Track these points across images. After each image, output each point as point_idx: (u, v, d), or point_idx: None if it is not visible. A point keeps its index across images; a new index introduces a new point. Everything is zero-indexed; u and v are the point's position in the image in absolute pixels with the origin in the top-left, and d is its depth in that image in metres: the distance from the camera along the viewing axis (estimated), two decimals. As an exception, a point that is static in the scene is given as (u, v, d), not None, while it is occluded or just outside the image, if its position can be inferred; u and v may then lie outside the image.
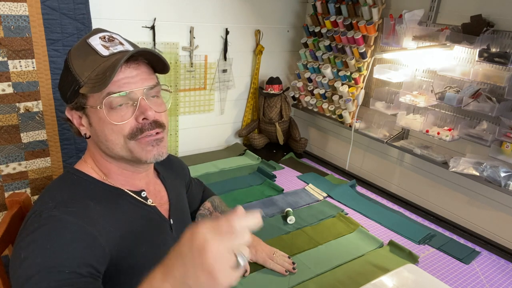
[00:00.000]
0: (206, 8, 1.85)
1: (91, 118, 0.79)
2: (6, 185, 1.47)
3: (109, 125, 0.76)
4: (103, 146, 0.80)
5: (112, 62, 0.74)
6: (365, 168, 2.03)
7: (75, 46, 0.80)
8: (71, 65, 0.76)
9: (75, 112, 0.80)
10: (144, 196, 0.88)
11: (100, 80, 0.72)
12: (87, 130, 0.81)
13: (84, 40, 0.79)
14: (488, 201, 1.52)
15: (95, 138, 0.81)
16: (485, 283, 1.20)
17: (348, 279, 1.15)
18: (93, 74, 0.74)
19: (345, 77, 1.87)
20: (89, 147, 0.86)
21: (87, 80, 0.74)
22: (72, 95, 0.77)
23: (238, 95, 2.16)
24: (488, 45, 1.36)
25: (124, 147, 0.79)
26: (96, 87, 0.73)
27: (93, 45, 0.77)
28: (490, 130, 1.41)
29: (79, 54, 0.77)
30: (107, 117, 0.75)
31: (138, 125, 0.78)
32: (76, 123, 0.81)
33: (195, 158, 1.95)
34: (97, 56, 0.75)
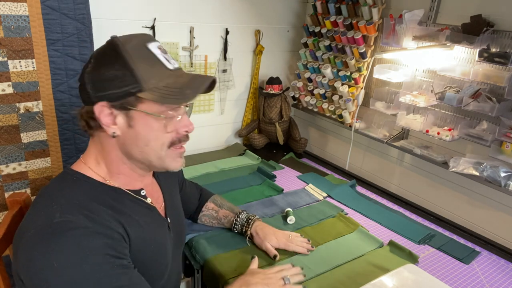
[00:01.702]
0: (206, 8, 1.86)
1: (136, 121, 0.78)
2: (6, 185, 1.47)
3: (156, 132, 0.80)
4: (136, 149, 0.81)
5: (188, 81, 0.79)
6: (365, 168, 2.03)
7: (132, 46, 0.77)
8: (133, 66, 0.75)
9: (111, 110, 0.77)
10: (143, 195, 0.89)
11: (177, 94, 0.76)
12: (119, 130, 0.79)
13: (143, 44, 0.79)
14: (488, 201, 1.52)
15: (128, 140, 0.80)
16: (485, 283, 1.20)
17: (348, 279, 1.15)
18: (160, 83, 0.76)
19: (345, 77, 1.87)
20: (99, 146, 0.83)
21: (152, 88, 0.76)
22: (124, 95, 0.76)
23: (238, 95, 2.16)
24: (488, 45, 1.36)
25: (158, 155, 0.82)
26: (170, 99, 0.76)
27: (156, 54, 0.79)
28: (490, 130, 1.41)
29: (143, 58, 0.76)
30: (166, 126, 0.79)
31: (178, 136, 0.83)
32: (105, 121, 0.78)
33: (195, 158, 1.95)
34: (163, 67, 0.79)
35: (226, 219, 1.30)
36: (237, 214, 1.29)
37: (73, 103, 1.50)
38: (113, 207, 0.79)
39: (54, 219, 0.70)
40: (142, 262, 0.82)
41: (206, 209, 1.31)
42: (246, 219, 1.27)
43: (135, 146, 0.81)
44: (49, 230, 0.69)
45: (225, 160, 1.96)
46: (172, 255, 0.96)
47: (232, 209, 1.31)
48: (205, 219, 1.32)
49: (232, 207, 1.32)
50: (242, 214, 1.28)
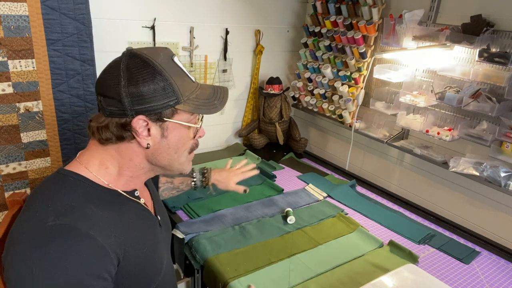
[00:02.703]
0: (206, 8, 1.85)
1: (170, 131, 0.82)
2: (6, 185, 1.47)
3: (184, 140, 0.86)
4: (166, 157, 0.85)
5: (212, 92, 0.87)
6: (365, 168, 2.03)
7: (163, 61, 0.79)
8: (172, 81, 0.78)
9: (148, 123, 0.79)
10: (137, 195, 0.89)
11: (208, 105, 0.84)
12: (152, 141, 0.81)
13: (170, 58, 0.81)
14: (488, 201, 1.52)
15: (159, 149, 0.83)
16: (485, 283, 1.20)
17: (348, 279, 1.15)
18: (191, 95, 0.82)
19: (345, 77, 1.87)
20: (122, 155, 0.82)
21: (186, 100, 0.81)
22: (163, 107, 0.78)
23: (238, 95, 2.16)
24: (488, 45, 1.36)
25: (182, 160, 0.88)
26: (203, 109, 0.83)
27: (181, 67, 0.83)
28: (490, 130, 1.41)
29: (175, 73, 0.80)
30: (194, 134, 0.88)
31: (196, 142, 0.91)
32: (141, 132, 0.79)
33: (195, 158, 1.93)
34: (190, 80, 0.84)
35: (184, 184, 1.36)
36: (191, 175, 1.36)
37: (73, 103, 1.50)
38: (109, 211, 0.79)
39: (47, 222, 0.69)
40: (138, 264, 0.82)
41: (162, 184, 1.32)
42: (201, 175, 1.37)
43: (166, 154, 0.84)
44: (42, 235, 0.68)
45: (225, 160, 1.96)
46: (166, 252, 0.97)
47: None
48: (165, 193, 1.33)
49: None
50: (195, 173, 1.37)
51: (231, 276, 1.12)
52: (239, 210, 1.49)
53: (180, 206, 1.50)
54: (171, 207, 1.48)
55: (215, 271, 1.16)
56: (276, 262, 1.21)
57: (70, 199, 0.75)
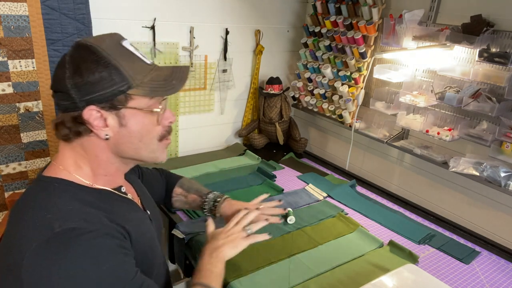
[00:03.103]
0: (206, 8, 1.85)
1: (128, 119, 0.77)
2: (6, 185, 1.47)
3: (148, 126, 0.81)
4: (130, 147, 0.81)
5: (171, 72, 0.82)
6: (365, 168, 2.03)
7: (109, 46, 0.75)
8: (119, 65, 0.74)
9: (100, 113, 0.75)
10: (124, 191, 0.90)
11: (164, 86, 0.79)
12: (111, 131, 0.77)
13: (118, 42, 0.78)
14: (488, 201, 1.52)
15: (121, 139, 0.79)
16: (485, 283, 1.20)
17: (348, 279, 1.15)
18: (145, 78, 0.78)
19: (345, 77, 1.87)
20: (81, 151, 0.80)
21: (139, 83, 0.76)
22: (112, 94, 0.74)
23: (238, 95, 2.16)
24: (488, 45, 1.36)
25: (151, 148, 0.84)
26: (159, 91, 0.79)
27: (132, 51, 0.79)
28: (490, 130, 1.41)
29: (124, 57, 0.76)
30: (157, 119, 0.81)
31: (165, 128, 0.86)
32: (96, 124, 0.76)
33: (195, 158, 1.95)
34: (142, 62, 0.80)
35: (195, 203, 1.25)
36: (205, 196, 1.23)
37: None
38: (103, 209, 0.78)
39: (55, 229, 0.67)
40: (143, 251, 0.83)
41: (175, 195, 1.27)
42: (213, 201, 1.21)
43: (129, 144, 0.81)
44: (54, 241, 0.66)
45: (225, 160, 1.96)
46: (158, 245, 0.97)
47: (200, 191, 1.25)
48: (178, 204, 1.29)
49: (200, 190, 1.26)
50: (209, 195, 1.23)
51: (231, 276, 1.12)
52: (239, 210, 1.49)
53: (180, 206, 1.50)
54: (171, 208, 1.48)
55: (215, 271, 1.16)
56: (276, 262, 1.21)
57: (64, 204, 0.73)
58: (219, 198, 1.21)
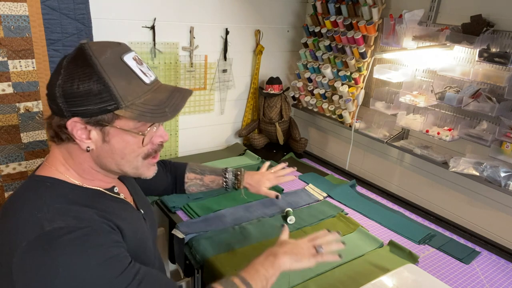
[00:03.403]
0: (206, 8, 1.85)
1: (111, 136, 0.76)
2: (6, 185, 1.47)
3: (132, 147, 0.79)
4: (111, 162, 0.80)
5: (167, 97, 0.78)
6: (365, 168, 2.03)
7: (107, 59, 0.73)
8: (111, 83, 0.71)
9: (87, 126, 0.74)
10: (116, 192, 0.90)
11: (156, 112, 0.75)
12: (93, 145, 0.77)
13: (118, 57, 0.74)
14: (488, 201, 1.52)
15: (102, 153, 0.78)
16: (485, 283, 1.20)
17: (348, 279, 1.15)
18: (137, 100, 0.74)
19: (345, 77, 1.87)
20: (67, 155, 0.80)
21: (130, 105, 0.73)
22: (100, 111, 0.73)
23: (238, 95, 2.16)
24: (488, 45, 1.36)
25: (133, 166, 0.82)
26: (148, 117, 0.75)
27: (132, 67, 0.75)
28: (490, 130, 1.41)
29: (120, 74, 0.73)
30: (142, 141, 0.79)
31: (153, 147, 0.84)
32: (79, 135, 0.75)
33: (195, 158, 1.95)
34: (140, 82, 0.76)
35: (214, 183, 1.29)
36: (224, 175, 1.28)
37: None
38: (95, 208, 0.78)
39: (44, 228, 0.68)
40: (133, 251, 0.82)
41: (189, 180, 1.28)
42: (234, 177, 1.28)
43: (111, 160, 0.79)
44: (45, 239, 0.67)
45: (225, 160, 1.96)
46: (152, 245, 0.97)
47: (216, 171, 1.30)
48: (192, 188, 1.29)
49: (214, 170, 1.30)
50: (228, 173, 1.28)
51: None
52: (239, 210, 1.49)
53: (180, 206, 1.50)
54: (171, 207, 1.48)
55: (215, 271, 1.16)
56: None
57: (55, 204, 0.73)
58: (239, 172, 1.29)
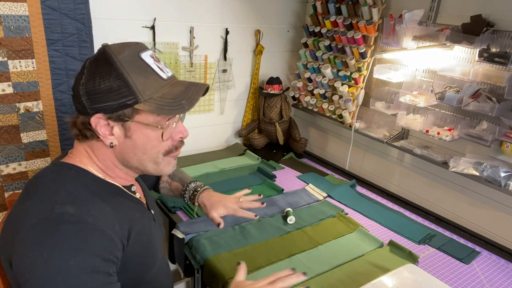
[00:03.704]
0: (206, 8, 1.85)
1: (133, 132, 0.79)
2: (6, 185, 1.47)
3: (154, 142, 0.81)
4: (134, 158, 0.82)
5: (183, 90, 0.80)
6: (365, 168, 2.03)
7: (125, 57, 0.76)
8: (129, 79, 0.75)
9: (107, 121, 0.78)
10: (133, 190, 0.92)
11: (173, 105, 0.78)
12: (116, 140, 0.80)
13: (136, 54, 0.78)
14: (488, 201, 1.52)
15: (125, 149, 0.81)
16: (485, 283, 1.20)
17: (348, 279, 1.15)
18: (155, 94, 0.77)
19: (345, 77, 1.87)
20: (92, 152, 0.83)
21: (148, 99, 0.76)
22: (120, 106, 0.76)
23: (238, 95, 2.16)
24: (488, 45, 1.36)
25: (155, 162, 0.84)
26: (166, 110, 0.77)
27: (149, 64, 0.78)
28: (490, 130, 1.41)
29: (138, 70, 0.76)
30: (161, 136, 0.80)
31: (174, 143, 0.85)
32: (102, 131, 0.78)
33: (195, 158, 1.95)
34: (158, 77, 0.78)
35: (177, 191, 1.25)
36: (186, 185, 1.23)
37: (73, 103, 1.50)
38: (111, 204, 0.80)
39: (55, 209, 0.71)
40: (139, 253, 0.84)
41: (162, 182, 1.28)
42: (193, 190, 1.22)
43: (133, 155, 0.82)
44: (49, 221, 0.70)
45: (225, 160, 1.96)
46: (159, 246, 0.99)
47: (182, 180, 1.26)
48: (163, 191, 1.29)
49: (183, 178, 1.27)
50: (190, 185, 1.23)
51: (231, 276, 1.12)
52: (239, 210, 1.49)
53: (180, 206, 1.50)
54: (171, 207, 1.48)
55: (215, 271, 1.16)
56: (276, 262, 1.21)
57: (75, 190, 0.76)
58: (199, 188, 1.22)
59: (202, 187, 1.23)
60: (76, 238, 0.70)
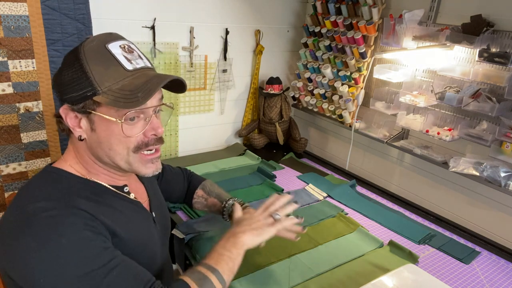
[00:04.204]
0: (206, 8, 1.85)
1: (97, 125, 0.77)
2: (6, 185, 1.47)
3: (118, 136, 0.77)
4: (102, 153, 0.80)
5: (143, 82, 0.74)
6: (365, 168, 2.03)
7: (91, 47, 0.75)
8: (88, 69, 0.73)
9: (75, 113, 0.77)
10: (126, 191, 0.89)
11: (128, 98, 0.73)
12: (84, 133, 0.78)
13: (103, 44, 0.75)
14: (488, 201, 1.52)
15: (93, 143, 0.79)
16: (485, 283, 1.20)
17: (348, 279, 1.15)
18: (114, 86, 0.74)
19: (345, 77, 1.87)
20: (75, 147, 0.83)
21: (106, 90, 0.73)
22: (81, 98, 0.74)
23: (238, 95, 2.16)
24: (488, 45, 1.36)
25: (125, 159, 0.80)
26: (121, 103, 0.73)
27: (115, 54, 0.75)
28: (490, 130, 1.41)
29: (99, 60, 0.74)
30: (122, 130, 0.76)
31: (144, 140, 0.80)
32: (71, 123, 0.78)
33: (195, 158, 1.95)
34: (120, 68, 0.75)
35: (215, 207, 1.22)
36: (225, 202, 1.18)
37: None
38: (94, 200, 0.79)
39: (27, 207, 0.71)
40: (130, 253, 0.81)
41: (197, 196, 1.26)
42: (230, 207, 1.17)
43: (100, 150, 0.79)
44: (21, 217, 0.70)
45: (225, 160, 1.96)
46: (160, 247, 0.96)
47: (220, 196, 1.22)
48: (198, 206, 1.27)
49: (221, 194, 1.23)
50: (229, 201, 1.18)
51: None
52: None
53: (180, 206, 1.50)
54: (171, 207, 1.48)
55: (215, 271, 1.16)
56: (276, 262, 1.20)
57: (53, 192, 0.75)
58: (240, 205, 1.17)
59: (242, 205, 1.17)
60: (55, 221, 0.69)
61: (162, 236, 0.99)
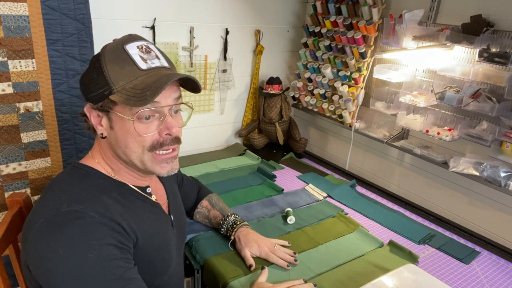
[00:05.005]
0: (206, 8, 1.86)
1: (115, 123, 0.79)
2: (6, 185, 1.47)
3: (133, 135, 0.79)
4: (119, 150, 0.82)
5: (154, 81, 0.75)
6: (365, 168, 2.03)
7: (110, 48, 0.78)
8: (105, 68, 0.76)
9: (97, 112, 0.80)
10: (148, 192, 0.91)
11: (138, 96, 0.74)
12: (105, 131, 0.81)
13: (121, 45, 0.78)
14: (488, 201, 1.52)
15: (112, 141, 0.82)
16: (485, 283, 1.20)
17: (348, 279, 1.15)
18: (128, 85, 0.76)
19: (345, 77, 1.87)
20: (100, 145, 0.86)
21: (120, 89, 0.76)
22: (99, 97, 0.77)
23: (238, 95, 2.16)
24: (488, 45, 1.36)
25: (140, 157, 0.82)
26: (131, 101, 0.75)
27: (131, 54, 0.77)
28: (490, 130, 1.41)
29: (115, 60, 0.76)
30: (135, 129, 0.78)
31: (159, 139, 0.81)
32: (94, 121, 0.81)
33: (195, 158, 1.95)
34: (135, 68, 0.77)
35: (215, 220, 1.27)
36: (226, 216, 1.24)
37: (73, 103, 1.50)
38: (120, 202, 0.81)
39: (62, 208, 0.72)
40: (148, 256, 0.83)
41: (201, 207, 1.30)
42: (232, 223, 1.23)
43: (118, 148, 0.82)
44: (57, 219, 0.70)
45: (225, 160, 1.96)
46: (176, 251, 0.97)
47: (223, 210, 1.28)
48: (198, 216, 1.31)
49: (224, 209, 1.29)
50: (230, 217, 1.24)
51: (231, 276, 1.12)
52: (239, 210, 1.49)
53: (180, 206, 1.50)
54: (171, 207, 1.48)
55: (215, 271, 1.16)
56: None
57: (82, 189, 0.78)
58: (239, 222, 1.22)
59: (241, 222, 1.22)
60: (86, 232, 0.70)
61: (179, 239, 1.01)
